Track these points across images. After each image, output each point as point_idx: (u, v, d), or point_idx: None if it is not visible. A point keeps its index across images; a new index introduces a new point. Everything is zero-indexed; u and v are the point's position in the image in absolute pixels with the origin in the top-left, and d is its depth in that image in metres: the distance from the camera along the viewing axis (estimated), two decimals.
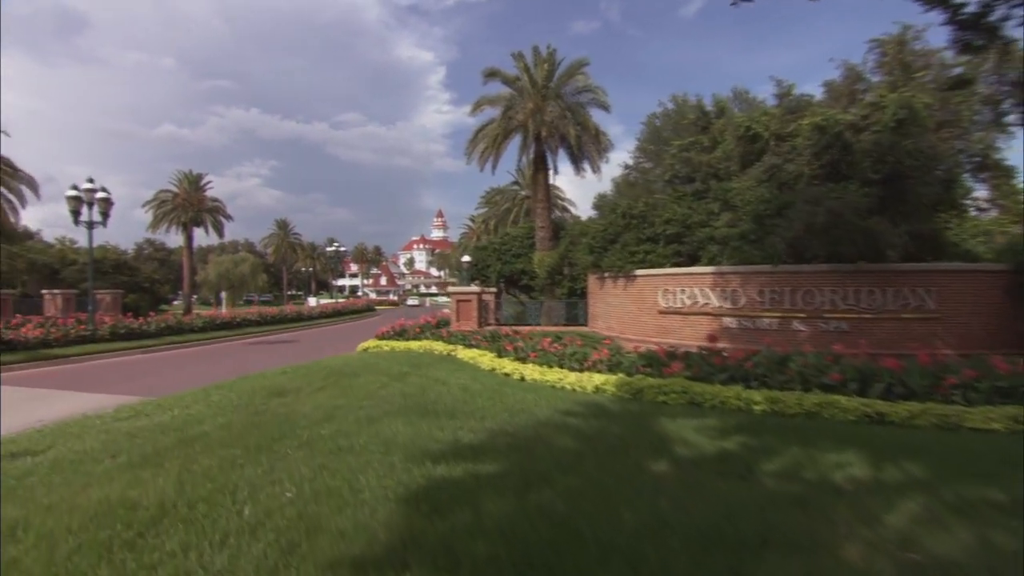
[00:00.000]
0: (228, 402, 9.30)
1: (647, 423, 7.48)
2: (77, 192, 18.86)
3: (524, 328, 21.07)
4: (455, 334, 17.53)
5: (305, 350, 20.76)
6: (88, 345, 18.12)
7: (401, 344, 17.79)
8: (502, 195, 50.80)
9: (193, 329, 23.00)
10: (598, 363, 11.04)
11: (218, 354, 19.39)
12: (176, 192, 52.29)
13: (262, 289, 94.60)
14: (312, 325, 32.96)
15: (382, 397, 9.75)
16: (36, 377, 14.13)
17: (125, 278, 40.04)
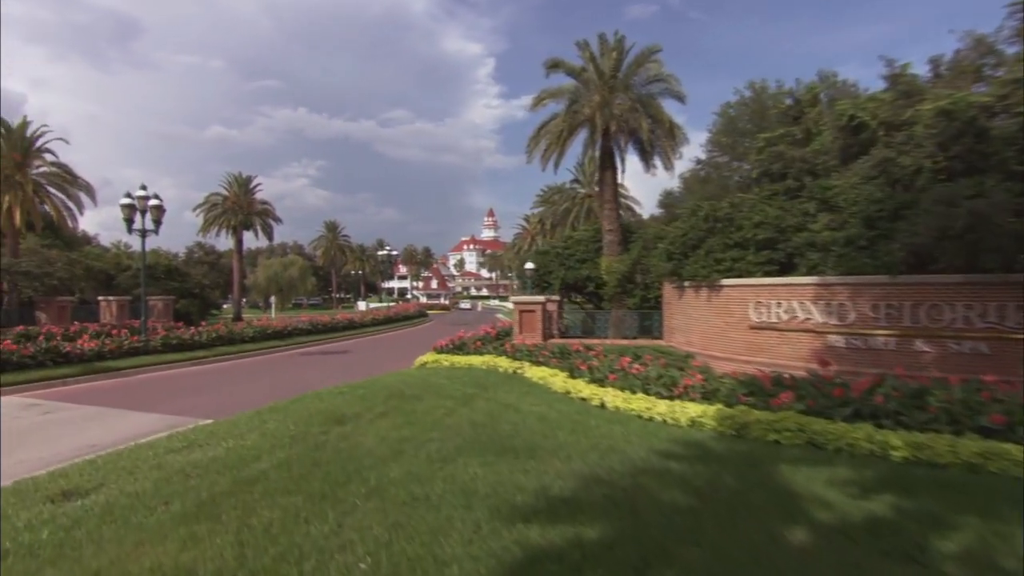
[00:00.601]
0: (284, 431, 8.97)
1: (765, 472, 6.68)
2: (131, 200, 19.24)
3: (592, 341, 20.34)
4: (519, 348, 16.98)
5: (359, 363, 20.63)
6: (141, 357, 18.44)
7: (462, 359, 17.39)
8: (561, 194, 50.13)
9: (244, 339, 23.25)
10: (690, 389, 10.24)
11: (270, 366, 19.44)
12: (226, 195, 53.87)
13: (311, 292, 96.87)
14: (364, 333, 33.06)
15: (449, 427, 9.25)
16: (91, 392, 14.32)
17: (176, 284, 41.30)
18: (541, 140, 23.46)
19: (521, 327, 20.42)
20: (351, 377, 16.53)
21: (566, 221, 46.00)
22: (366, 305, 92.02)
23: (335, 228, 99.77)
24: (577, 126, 22.56)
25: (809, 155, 16.01)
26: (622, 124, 21.81)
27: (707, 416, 9.01)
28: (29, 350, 15.69)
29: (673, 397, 10.32)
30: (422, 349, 24.88)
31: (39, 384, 14.58)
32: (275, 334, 25.31)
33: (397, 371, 16.88)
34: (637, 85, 22.95)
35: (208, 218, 53.06)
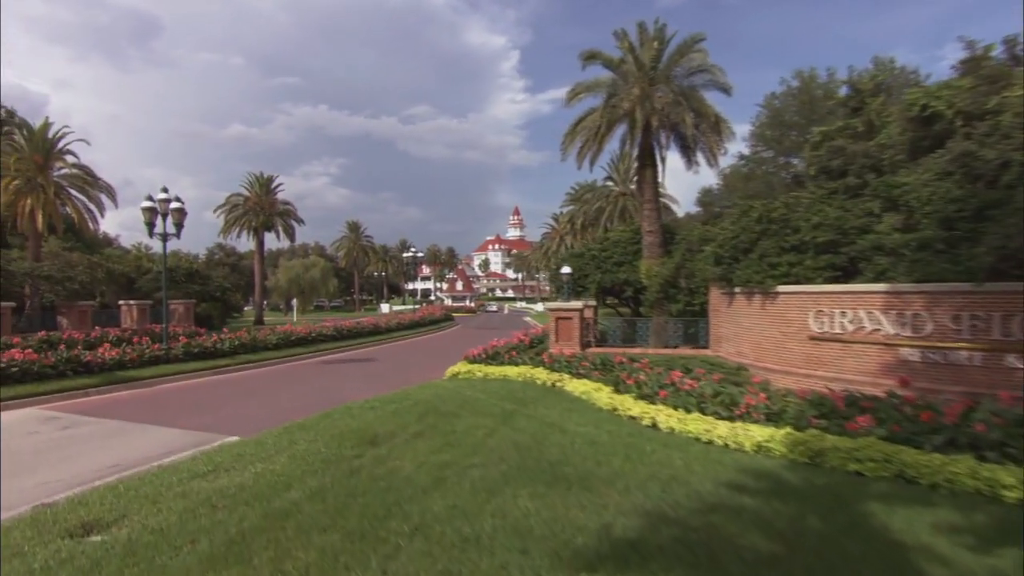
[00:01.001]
0: (315, 454, 8.66)
1: (855, 512, 6.13)
2: (152, 203, 19.23)
3: (633, 350, 19.82)
4: (557, 359, 16.53)
5: (387, 372, 20.39)
6: (162, 366, 18.40)
7: (496, 370, 17.01)
8: (593, 192, 49.61)
9: (267, 346, 23.17)
10: (752, 409, 9.68)
11: (295, 376, 19.27)
12: (247, 196, 54.34)
13: (332, 295, 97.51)
14: (390, 339, 32.89)
15: (492, 450, 8.86)
16: (112, 404, 14.22)
17: (197, 287, 41.73)
18: (577, 137, 22.96)
19: (557, 335, 19.98)
20: (379, 388, 16.29)
21: (599, 221, 45.43)
22: (389, 308, 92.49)
23: (357, 228, 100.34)
24: (615, 121, 22.01)
25: (873, 149, 15.28)
26: (664, 119, 21.23)
27: (775, 441, 8.46)
28: (50, 360, 15.69)
29: (733, 418, 9.77)
30: (451, 356, 24.62)
31: (59, 395, 14.55)
32: (298, 341, 25.21)
33: (428, 382, 16.58)
34: (678, 77, 22.34)
35: (229, 219, 53.61)
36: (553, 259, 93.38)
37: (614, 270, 25.17)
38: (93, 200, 36.50)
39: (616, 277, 24.96)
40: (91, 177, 36.25)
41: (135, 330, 30.79)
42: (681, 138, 22.79)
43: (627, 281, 24.65)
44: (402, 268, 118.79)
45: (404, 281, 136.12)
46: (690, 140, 21.89)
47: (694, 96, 21.59)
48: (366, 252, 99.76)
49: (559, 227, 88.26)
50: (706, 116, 21.32)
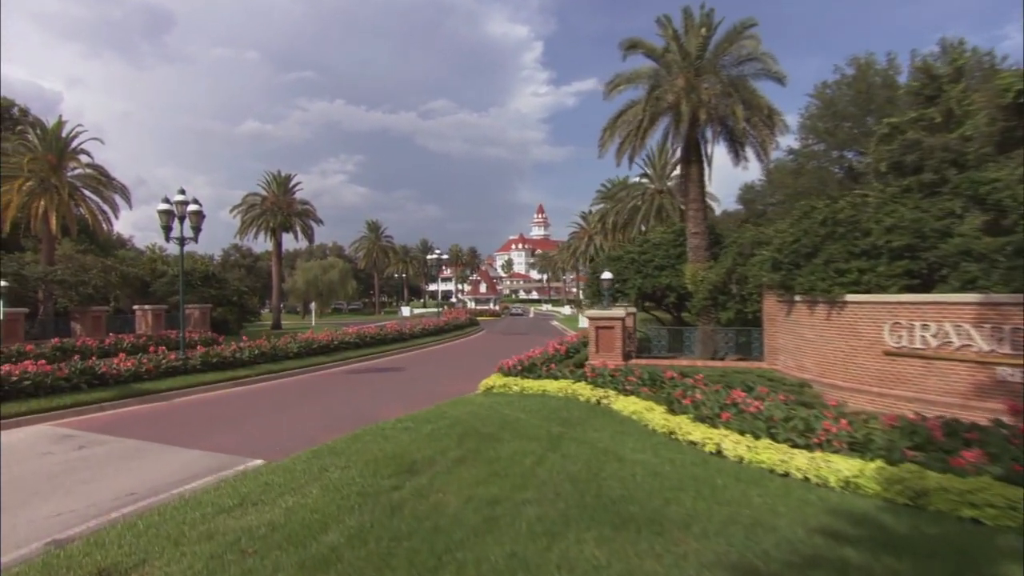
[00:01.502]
0: (350, 484, 8.21)
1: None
2: (168, 205, 19.04)
3: (679, 362, 19.24)
4: (601, 372, 15.97)
5: (415, 384, 19.97)
6: (180, 378, 18.20)
7: (533, 384, 16.49)
8: (627, 190, 48.82)
9: (288, 355, 22.92)
10: (833, 438, 9.02)
11: (318, 388, 18.96)
12: (265, 195, 54.50)
13: (351, 297, 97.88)
14: (414, 345, 32.54)
15: (544, 482, 8.33)
16: (129, 420, 13.98)
17: (214, 291, 41.86)
18: (616, 132, 22.46)
19: (598, 345, 19.45)
20: (409, 402, 15.95)
21: (634, 220, 44.70)
22: (410, 311, 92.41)
23: (377, 229, 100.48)
24: (659, 115, 21.47)
25: (954, 142, 14.48)
26: (711, 112, 20.55)
27: (865, 477, 7.81)
28: (64, 372, 15.52)
29: (811, 446, 9.12)
30: (480, 366, 24.42)
31: (73, 410, 14.35)
32: (320, 349, 24.94)
33: (461, 397, 16.15)
34: (726, 66, 21.68)
35: (246, 220, 53.79)
36: (582, 260, 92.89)
37: (655, 274, 24.52)
38: (107, 201, 36.80)
39: (657, 282, 24.31)
40: (105, 177, 36.52)
41: (150, 336, 30.89)
42: (729, 132, 22.15)
43: (669, 286, 24.00)
44: (423, 269, 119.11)
45: (425, 283, 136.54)
46: (740, 134, 21.23)
47: (744, 87, 20.92)
48: (386, 253, 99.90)
49: (588, 226, 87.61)
50: (758, 108, 20.62)
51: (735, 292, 19.47)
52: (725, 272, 19.47)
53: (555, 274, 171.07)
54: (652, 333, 20.90)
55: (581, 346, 23.98)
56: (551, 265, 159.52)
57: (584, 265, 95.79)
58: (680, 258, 24.04)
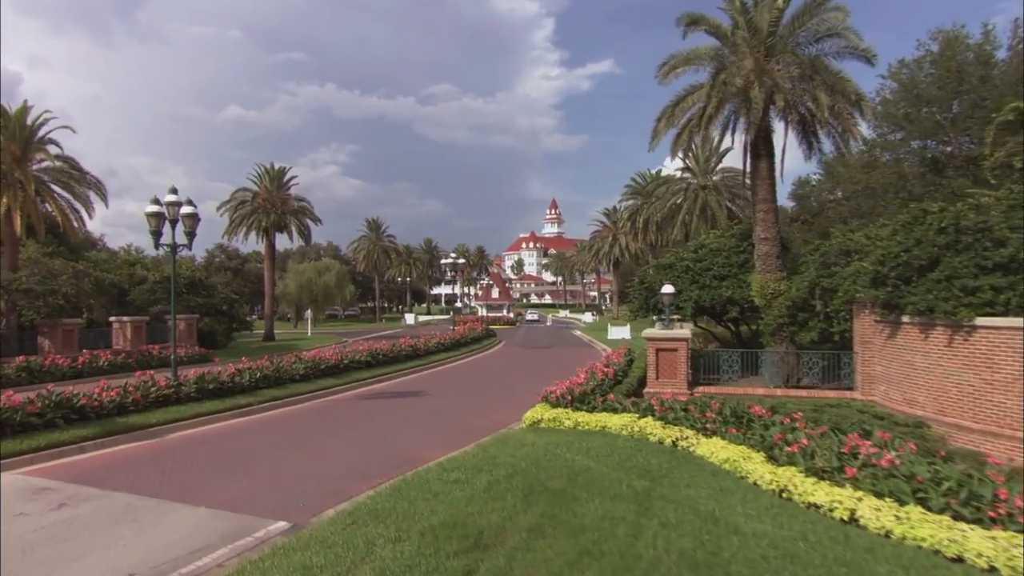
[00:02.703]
0: (410, 568, 7.15)
1: None
2: (159, 208, 18.15)
3: (755, 390, 18.23)
4: (671, 407, 14.92)
5: (443, 412, 19.10)
6: (172, 408, 17.24)
7: (590, 418, 15.50)
8: (667, 184, 47.84)
9: (294, 378, 22.03)
10: (1018, 512, 7.88)
11: (334, 418, 18.08)
12: (256, 191, 53.65)
13: (348, 302, 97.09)
14: (431, 363, 31.67)
15: (652, 565, 7.26)
16: (115, 464, 12.94)
17: (200, 300, 40.94)
18: (674, 121, 21.53)
19: (658, 371, 18.46)
20: (443, 437, 15.27)
21: (674, 219, 43.73)
22: (415, 318, 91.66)
23: (378, 227, 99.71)
24: (725, 101, 20.40)
25: None
26: (788, 97, 19.49)
27: None
28: (36, 407, 14.49)
29: (984, 521, 8.00)
30: (512, 388, 24.17)
31: (49, 453, 13.32)
32: (329, 370, 24.05)
33: (505, 432, 15.33)
34: (802, 43, 20.64)
35: (235, 218, 52.98)
36: (605, 261, 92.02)
37: (714, 285, 23.49)
38: (79, 198, 35.51)
39: (717, 294, 23.28)
40: (77, 171, 35.29)
41: (129, 352, 29.97)
42: (801, 120, 21.10)
43: (731, 299, 22.96)
44: (427, 271, 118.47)
45: (429, 286, 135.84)
46: (821, 123, 20.17)
47: (825, 68, 19.84)
48: (387, 254, 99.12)
49: (614, 225, 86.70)
50: (844, 93, 19.52)
51: (819, 309, 18.38)
52: (808, 286, 18.38)
53: (571, 276, 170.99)
54: (723, 355, 19.85)
55: (627, 366, 23.04)
56: (567, 266, 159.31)
57: (608, 267, 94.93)
58: (744, 267, 23.08)
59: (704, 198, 42.48)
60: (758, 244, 21.33)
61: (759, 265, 21.24)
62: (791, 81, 19.72)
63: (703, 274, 23.92)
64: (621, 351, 27.96)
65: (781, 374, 19.11)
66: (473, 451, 13.07)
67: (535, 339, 57.20)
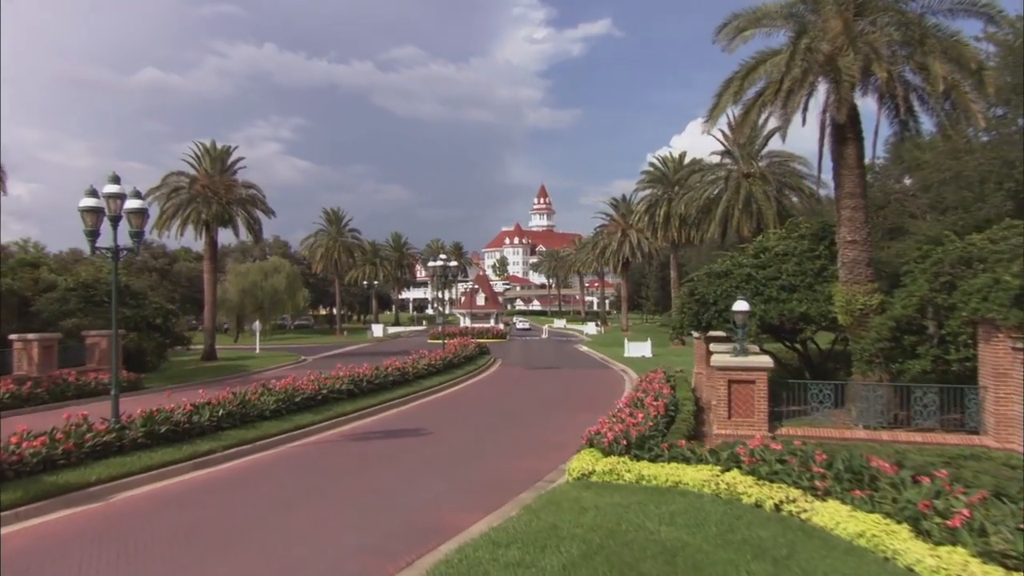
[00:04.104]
0: None
1: None
2: (96, 201, 17.12)
3: (856, 432, 17.66)
4: (763, 457, 14.10)
5: (461, 459, 18.42)
6: (115, 460, 16.05)
7: (656, 470, 14.75)
8: (701, 172, 47.49)
9: (263, 414, 21.04)
10: None
11: (324, 469, 17.21)
12: (194, 175, 52.43)
13: (301, 310, 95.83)
14: (423, 390, 31.16)
15: None
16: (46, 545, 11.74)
17: (129, 311, 39.35)
18: (741, 96, 21.08)
19: (731, 408, 17.80)
20: (472, 495, 14.53)
21: (711, 214, 43.24)
22: (383, 330, 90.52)
23: (339, 220, 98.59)
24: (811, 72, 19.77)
25: None
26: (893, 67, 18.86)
27: None
28: None
29: None
30: (527, 422, 24.26)
31: None
32: (305, 403, 23.09)
33: (550, 486, 14.94)
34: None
35: (167, 208, 51.61)
36: (612, 261, 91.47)
37: (783, 298, 22.75)
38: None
39: (786, 309, 22.53)
40: None
41: (37, 379, 28.55)
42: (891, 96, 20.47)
43: (806, 315, 22.23)
44: (395, 272, 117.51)
45: (397, 290, 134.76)
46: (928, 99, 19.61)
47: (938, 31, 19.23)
48: (350, 252, 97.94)
49: (623, 218, 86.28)
50: (960, 62, 18.87)
51: (933, 333, 17.71)
52: (918, 302, 17.70)
53: (566, 279, 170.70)
54: (812, 388, 19.20)
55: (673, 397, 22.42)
56: (562, 267, 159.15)
57: (614, 269, 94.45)
58: (820, 275, 22.52)
59: (748, 188, 42.03)
60: (843, 248, 20.67)
61: (844, 274, 20.59)
62: (891, 46, 19.18)
63: (768, 284, 23.16)
64: (657, 375, 27.30)
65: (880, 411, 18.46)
66: (521, 517, 12.28)
67: (536, 357, 56.62)
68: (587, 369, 46.23)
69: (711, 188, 45.25)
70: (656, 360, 45.82)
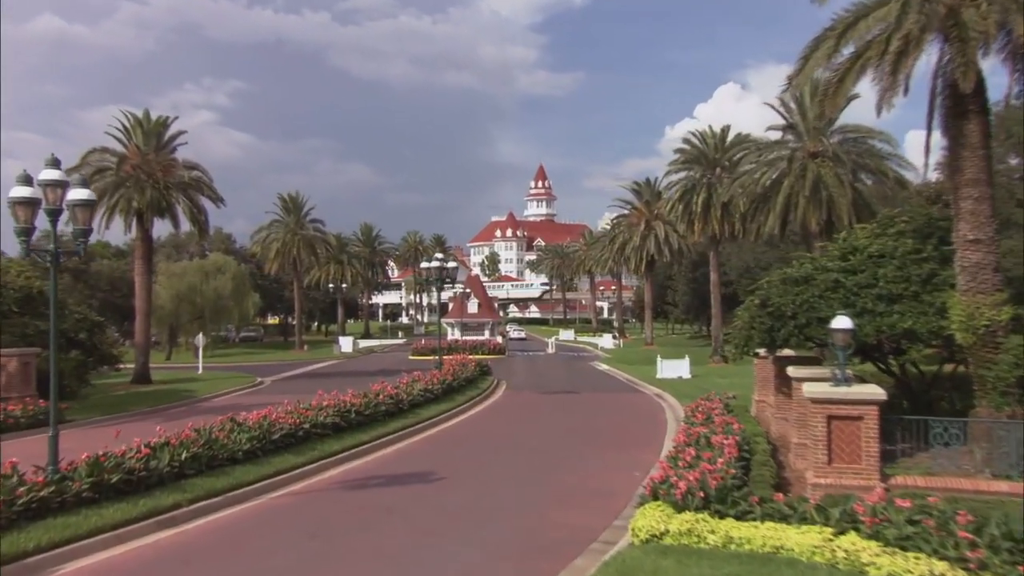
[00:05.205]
0: None
1: None
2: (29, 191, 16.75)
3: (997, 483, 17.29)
4: (889, 517, 13.81)
5: (486, 513, 18.26)
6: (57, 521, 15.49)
7: (750, 532, 14.49)
8: (758, 151, 47.25)
9: (235, 456, 20.78)
10: None
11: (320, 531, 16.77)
12: (124, 155, 52.04)
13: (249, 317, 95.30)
14: (421, 421, 31.28)
15: None
16: None
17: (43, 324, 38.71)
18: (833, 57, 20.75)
19: (832, 450, 17.66)
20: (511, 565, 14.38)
21: (769, 203, 43.04)
22: (352, 344, 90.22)
23: (299, 208, 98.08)
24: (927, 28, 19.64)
25: None
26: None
27: None
28: None
29: None
30: (555, 463, 24.07)
31: None
32: (284, 440, 22.83)
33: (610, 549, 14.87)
34: None
35: None
36: (633, 259, 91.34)
37: (881, 310, 22.52)
38: None
39: (887, 323, 22.27)
40: None
41: None
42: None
43: (911, 332, 21.98)
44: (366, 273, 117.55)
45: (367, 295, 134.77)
46: None
47: None
48: (312, 248, 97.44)
49: (648, 207, 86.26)
50: None
51: None
52: None
53: (571, 280, 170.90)
54: (935, 425, 19.02)
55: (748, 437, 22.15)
56: (568, 265, 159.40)
57: (637, 269, 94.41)
58: (929, 283, 22.30)
59: (816, 171, 41.92)
60: (962, 249, 20.54)
61: (964, 282, 20.42)
62: None
63: (861, 293, 22.87)
64: (713, 404, 27.08)
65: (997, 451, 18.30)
66: None
67: (547, 378, 56.81)
68: (613, 393, 46.42)
69: (768, 171, 45.48)
70: (696, 382, 45.84)
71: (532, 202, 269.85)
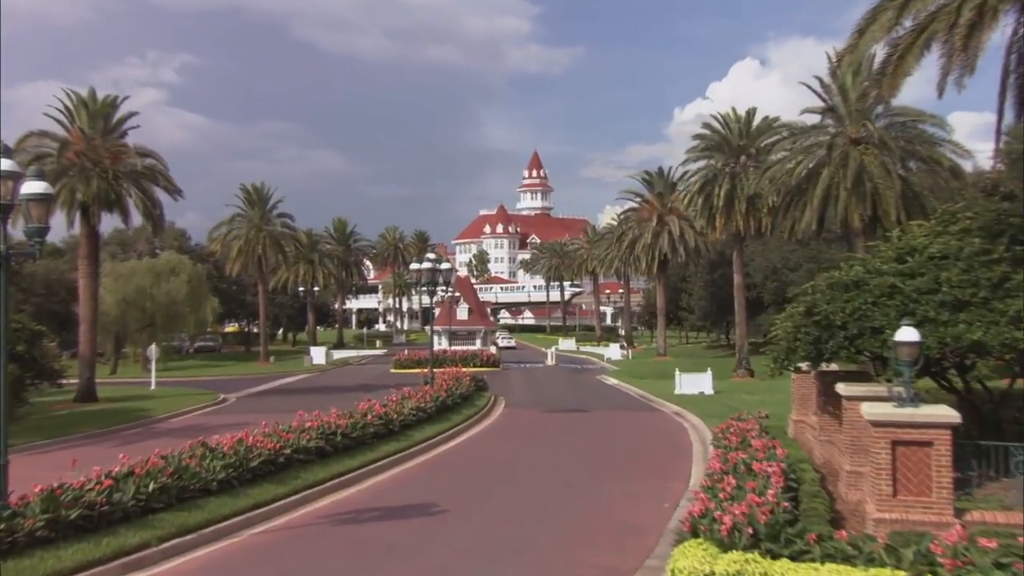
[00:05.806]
0: None
1: None
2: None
3: None
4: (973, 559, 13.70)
5: (498, 556, 18.00)
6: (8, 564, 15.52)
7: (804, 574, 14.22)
8: (795, 136, 47.26)
9: (208, 487, 20.81)
10: None
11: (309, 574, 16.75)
12: (66, 139, 51.90)
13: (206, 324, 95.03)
14: (415, 444, 31.40)
15: None
16: None
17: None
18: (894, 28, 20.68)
19: (897, 482, 17.38)
20: None
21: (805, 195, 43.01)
22: (325, 355, 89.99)
23: (264, 201, 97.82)
24: None
25: None
26: None
27: None
28: None
29: None
30: (567, 494, 24.15)
31: None
32: (264, 468, 22.88)
33: None
34: None
35: None
36: (644, 259, 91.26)
37: (945, 319, 22.39)
38: None
39: (952, 334, 22.15)
40: None
41: None
42: None
43: (980, 344, 21.88)
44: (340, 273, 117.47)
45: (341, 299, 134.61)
46: None
47: None
48: (279, 246, 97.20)
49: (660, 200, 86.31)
50: None
51: None
52: None
53: (572, 281, 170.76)
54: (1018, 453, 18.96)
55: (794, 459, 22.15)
56: (568, 266, 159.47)
57: (649, 269, 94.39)
58: (1000, 288, 22.21)
59: (859, 159, 41.88)
60: None
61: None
62: None
63: (922, 300, 22.73)
64: (748, 425, 27.03)
65: None
66: None
67: (549, 393, 57.14)
68: (626, 411, 46.54)
69: (804, 160, 45.67)
70: (721, 399, 45.92)
71: (525, 194, 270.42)
